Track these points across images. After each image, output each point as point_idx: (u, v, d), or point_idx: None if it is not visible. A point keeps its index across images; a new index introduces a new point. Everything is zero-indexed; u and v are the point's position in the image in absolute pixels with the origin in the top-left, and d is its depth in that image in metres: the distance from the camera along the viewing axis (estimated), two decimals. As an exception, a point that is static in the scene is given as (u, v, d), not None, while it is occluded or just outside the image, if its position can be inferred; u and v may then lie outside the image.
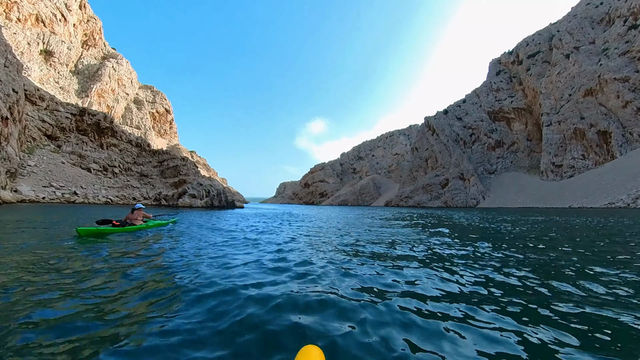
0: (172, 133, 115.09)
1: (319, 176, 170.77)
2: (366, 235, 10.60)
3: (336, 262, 5.35)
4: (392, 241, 8.80)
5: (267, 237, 9.31)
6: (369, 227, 13.62)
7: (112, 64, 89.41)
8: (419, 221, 19.33)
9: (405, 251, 6.90)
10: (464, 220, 21.09)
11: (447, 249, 7.35)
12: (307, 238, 9.35)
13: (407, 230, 13.07)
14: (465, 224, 17.21)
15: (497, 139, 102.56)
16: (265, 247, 7.01)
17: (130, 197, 40.26)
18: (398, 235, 10.50)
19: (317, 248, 7.14)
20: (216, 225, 13.27)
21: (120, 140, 46.18)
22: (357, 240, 8.91)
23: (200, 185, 40.59)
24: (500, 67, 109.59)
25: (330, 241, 8.58)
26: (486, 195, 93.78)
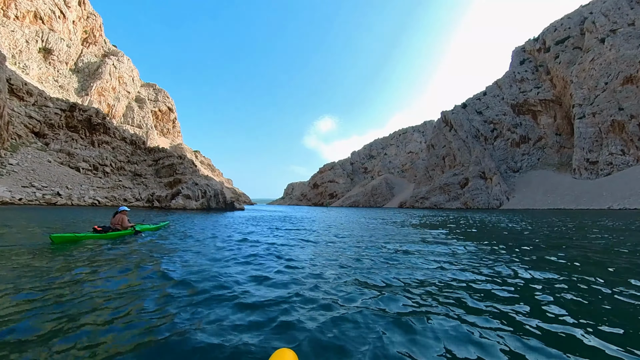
0: (175, 132, 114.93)
1: (329, 176, 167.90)
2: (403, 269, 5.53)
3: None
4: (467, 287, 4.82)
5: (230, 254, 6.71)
6: (395, 243, 10.24)
7: (113, 61, 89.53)
8: (454, 227, 16.22)
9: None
10: (511, 224, 17.82)
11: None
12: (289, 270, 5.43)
13: (464, 248, 9.98)
14: (521, 231, 14.01)
15: (521, 134, 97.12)
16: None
17: (121, 198, 38.59)
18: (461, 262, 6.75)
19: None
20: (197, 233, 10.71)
21: (113, 137, 44.82)
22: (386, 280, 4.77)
23: (196, 185, 38.47)
24: (525, 56, 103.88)
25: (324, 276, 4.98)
26: (510, 195, 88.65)
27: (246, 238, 9.89)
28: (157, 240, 8.69)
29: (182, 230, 11.78)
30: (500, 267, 5.71)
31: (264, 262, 5.94)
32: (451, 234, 12.30)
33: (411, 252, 7.43)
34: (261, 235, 10.93)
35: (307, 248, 8.03)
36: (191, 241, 8.73)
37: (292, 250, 7.60)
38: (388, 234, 11.66)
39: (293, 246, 8.32)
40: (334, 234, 11.66)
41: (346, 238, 10.41)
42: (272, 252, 7.08)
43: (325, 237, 10.62)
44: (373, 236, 10.75)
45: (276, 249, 7.61)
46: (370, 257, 6.56)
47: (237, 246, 7.98)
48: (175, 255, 6.37)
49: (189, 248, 7.35)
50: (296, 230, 13.04)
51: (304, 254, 7.05)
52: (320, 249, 7.83)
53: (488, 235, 11.64)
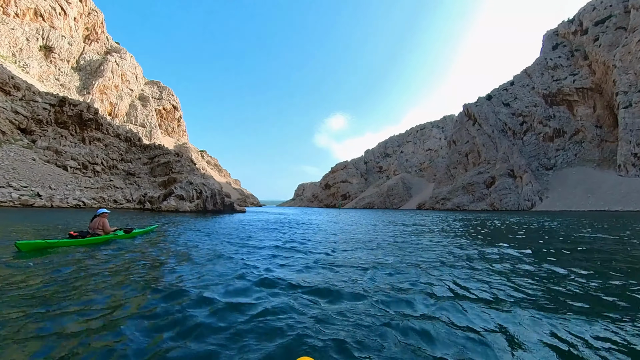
0: (180, 131, 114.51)
1: (341, 176, 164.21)
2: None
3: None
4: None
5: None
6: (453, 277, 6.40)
7: (115, 58, 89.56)
8: (521, 237, 12.54)
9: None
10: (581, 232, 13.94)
11: None
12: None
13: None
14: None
15: (555, 127, 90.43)
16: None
17: (110, 199, 36.59)
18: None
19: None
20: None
21: (106, 134, 43.13)
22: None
23: (191, 184, 35.93)
24: (558, 40, 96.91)
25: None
26: (544, 195, 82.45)
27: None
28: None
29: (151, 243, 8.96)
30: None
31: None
32: (534, 253, 8.66)
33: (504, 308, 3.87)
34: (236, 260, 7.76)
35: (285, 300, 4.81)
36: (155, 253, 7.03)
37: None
38: (426, 255, 8.03)
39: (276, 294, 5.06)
40: (340, 262, 8.33)
41: (363, 272, 6.98)
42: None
43: (324, 261, 7.32)
44: (406, 259, 7.22)
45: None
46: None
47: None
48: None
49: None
50: (286, 248, 9.75)
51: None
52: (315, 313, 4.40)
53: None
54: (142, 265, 5.71)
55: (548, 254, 7.76)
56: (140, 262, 6.04)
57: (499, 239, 11.27)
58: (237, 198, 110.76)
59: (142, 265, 5.71)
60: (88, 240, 7.79)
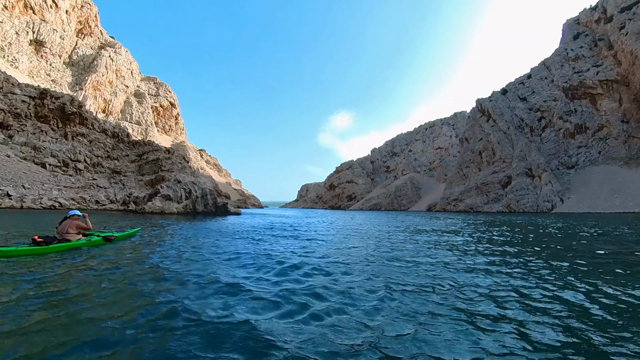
0: (178, 129, 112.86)
1: (346, 176, 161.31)
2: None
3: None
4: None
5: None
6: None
7: (110, 53, 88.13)
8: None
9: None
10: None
11: None
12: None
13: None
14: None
15: (577, 123, 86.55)
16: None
17: (92, 200, 34.36)
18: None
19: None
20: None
21: (91, 129, 41.01)
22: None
23: (179, 183, 33.48)
24: (579, 29, 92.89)
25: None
26: (565, 196, 78.83)
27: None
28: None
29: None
30: None
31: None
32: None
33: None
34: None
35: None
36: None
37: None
38: (464, 280, 5.22)
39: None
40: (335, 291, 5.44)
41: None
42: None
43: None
44: (440, 286, 4.40)
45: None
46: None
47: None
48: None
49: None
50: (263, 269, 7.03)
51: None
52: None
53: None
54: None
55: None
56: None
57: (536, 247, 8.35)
58: (237, 199, 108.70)
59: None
60: (54, 248, 6.85)
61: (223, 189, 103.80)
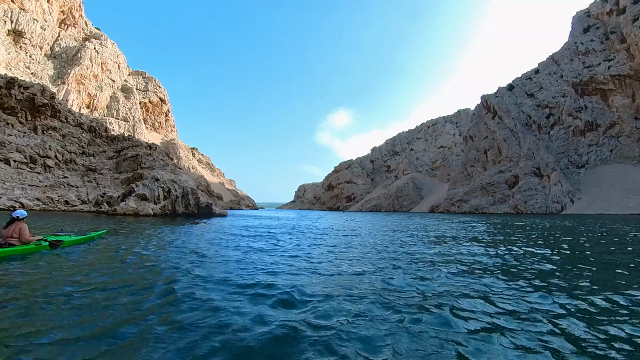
0: (168, 127, 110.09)
1: (345, 176, 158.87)
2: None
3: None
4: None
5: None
6: None
7: (95, 45, 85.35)
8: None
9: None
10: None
11: None
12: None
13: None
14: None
15: (587, 120, 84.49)
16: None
17: (61, 200, 31.71)
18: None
19: None
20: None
21: (64, 122, 38.36)
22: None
23: (156, 181, 30.84)
24: (590, 21, 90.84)
25: None
26: (575, 197, 76.61)
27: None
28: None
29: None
30: None
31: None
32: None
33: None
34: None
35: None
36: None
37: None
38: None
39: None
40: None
41: None
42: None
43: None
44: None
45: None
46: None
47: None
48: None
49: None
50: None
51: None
52: None
53: None
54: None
55: None
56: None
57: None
58: (230, 199, 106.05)
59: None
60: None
61: (215, 189, 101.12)
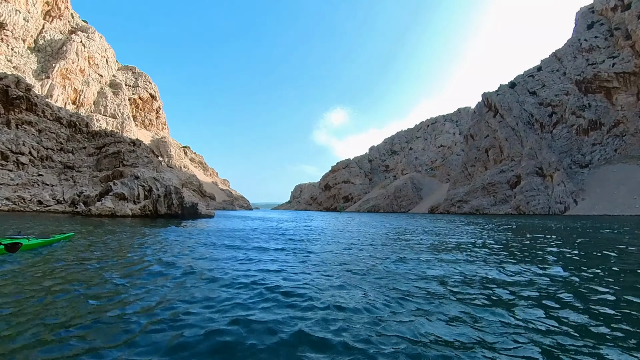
0: (159, 124, 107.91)
1: (343, 176, 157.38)
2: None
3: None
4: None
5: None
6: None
7: (81, 38, 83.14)
8: None
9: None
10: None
11: None
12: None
13: None
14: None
15: (591, 119, 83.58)
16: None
17: (34, 199, 29.82)
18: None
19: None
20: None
21: (41, 116, 36.41)
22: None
23: (136, 179, 29.03)
24: (594, 18, 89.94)
25: None
26: (579, 197, 75.60)
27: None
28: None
29: None
30: None
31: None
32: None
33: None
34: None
35: None
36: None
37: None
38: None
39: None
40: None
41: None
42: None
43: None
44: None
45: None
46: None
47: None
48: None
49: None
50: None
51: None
52: None
53: None
54: None
55: None
56: None
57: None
58: (223, 200, 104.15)
59: None
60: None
61: (208, 189, 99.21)
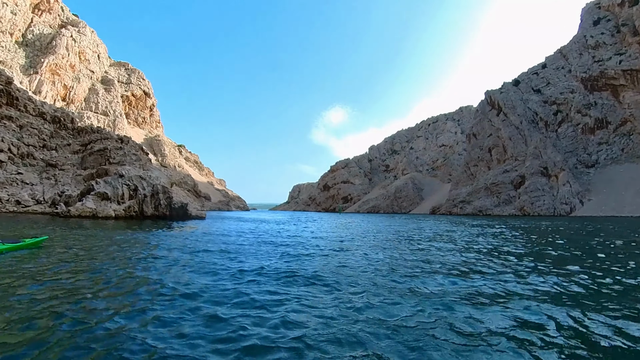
0: (153, 122, 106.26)
1: (342, 176, 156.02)
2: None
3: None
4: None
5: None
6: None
7: (72, 33, 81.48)
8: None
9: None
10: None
11: None
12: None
13: None
14: None
15: (597, 117, 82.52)
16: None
17: (11, 199, 28.27)
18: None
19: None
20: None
21: (22, 111, 34.82)
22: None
23: (121, 177, 27.51)
24: (600, 14, 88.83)
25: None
26: (585, 198, 74.45)
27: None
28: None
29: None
30: None
31: None
32: None
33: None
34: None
35: None
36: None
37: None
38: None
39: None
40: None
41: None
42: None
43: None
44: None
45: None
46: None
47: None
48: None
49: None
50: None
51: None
52: None
53: None
54: None
55: None
56: None
57: None
58: (218, 200, 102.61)
59: None
60: None
61: (203, 189, 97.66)
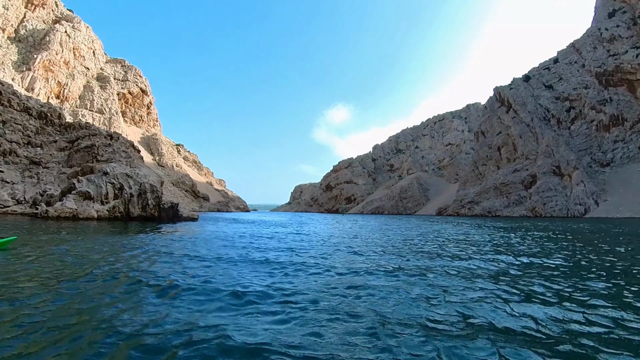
0: (150, 120, 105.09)
1: (345, 176, 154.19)
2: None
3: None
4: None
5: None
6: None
7: (66, 28, 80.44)
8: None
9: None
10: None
11: None
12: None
13: None
14: None
15: (612, 114, 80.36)
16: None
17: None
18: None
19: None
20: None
21: (6, 106, 33.41)
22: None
23: (105, 175, 25.92)
24: (616, 5, 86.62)
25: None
26: (600, 198, 72.19)
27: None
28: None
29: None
30: None
31: None
32: None
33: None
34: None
35: None
36: None
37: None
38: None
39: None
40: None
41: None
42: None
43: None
44: None
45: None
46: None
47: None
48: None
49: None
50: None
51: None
52: None
53: None
54: None
55: None
56: None
57: None
58: (217, 200, 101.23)
59: None
60: None
61: (202, 190, 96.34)
